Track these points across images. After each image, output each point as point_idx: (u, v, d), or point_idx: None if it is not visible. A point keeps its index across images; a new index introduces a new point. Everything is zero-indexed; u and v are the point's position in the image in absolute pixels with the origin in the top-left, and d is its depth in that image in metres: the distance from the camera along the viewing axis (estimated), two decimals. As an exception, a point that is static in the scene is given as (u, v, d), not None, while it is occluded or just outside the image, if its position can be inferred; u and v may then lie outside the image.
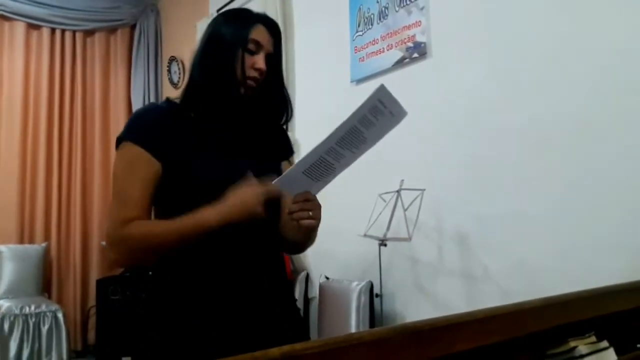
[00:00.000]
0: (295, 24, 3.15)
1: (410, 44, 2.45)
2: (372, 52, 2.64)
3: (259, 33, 1.15)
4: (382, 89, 1.05)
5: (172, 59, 4.69)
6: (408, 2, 2.47)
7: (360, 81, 2.70)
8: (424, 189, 2.10)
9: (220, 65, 1.13)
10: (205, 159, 1.12)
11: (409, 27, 2.46)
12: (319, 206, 1.12)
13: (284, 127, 1.29)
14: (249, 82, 1.14)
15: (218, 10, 3.93)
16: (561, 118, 1.83)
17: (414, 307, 2.36)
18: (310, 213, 1.09)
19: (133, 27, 5.01)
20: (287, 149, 1.32)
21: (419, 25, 2.41)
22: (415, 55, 2.42)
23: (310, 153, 1.05)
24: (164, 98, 4.76)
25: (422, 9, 2.39)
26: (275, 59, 1.18)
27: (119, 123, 4.87)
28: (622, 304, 1.27)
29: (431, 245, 2.27)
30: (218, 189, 1.07)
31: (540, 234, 1.87)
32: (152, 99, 4.84)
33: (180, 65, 4.58)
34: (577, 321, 1.11)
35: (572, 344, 1.07)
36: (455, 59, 2.25)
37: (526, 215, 1.92)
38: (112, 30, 4.96)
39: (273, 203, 1.11)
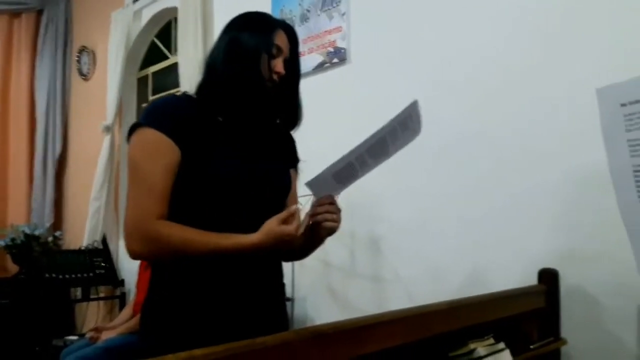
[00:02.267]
0: (215, 22, 3.08)
1: (331, 49, 2.47)
2: (293, 55, 2.63)
3: (280, 38, 1.20)
4: (415, 104, 1.14)
5: (83, 49, 4.41)
6: (330, 7, 2.48)
7: (279, 83, 2.68)
8: (338, 194, 2.10)
9: (246, 68, 1.15)
10: (224, 153, 1.13)
11: (330, 32, 2.48)
12: (340, 210, 1.19)
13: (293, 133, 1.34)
14: (268, 83, 1.17)
15: (134, 1, 3.76)
16: (468, 126, 1.91)
17: (325, 310, 2.36)
18: (335, 216, 1.16)
19: (40, 12, 4.66)
20: (294, 157, 1.36)
21: (340, 31, 2.43)
22: (336, 60, 2.44)
23: (343, 158, 1.11)
24: (72, 89, 4.55)
25: (343, 14, 2.42)
26: (292, 64, 1.22)
27: (19, 115, 4.52)
28: (517, 307, 1.34)
29: (344, 249, 2.28)
30: (233, 184, 1.11)
31: (447, 239, 1.94)
32: (59, 91, 4.53)
33: (91, 56, 4.32)
34: (478, 324, 1.15)
35: (472, 345, 1.11)
36: (373, 67, 2.28)
37: (434, 221, 1.98)
38: (15, 14, 4.59)
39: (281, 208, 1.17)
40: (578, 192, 1.62)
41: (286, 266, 1.29)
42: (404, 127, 1.15)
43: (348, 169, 1.14)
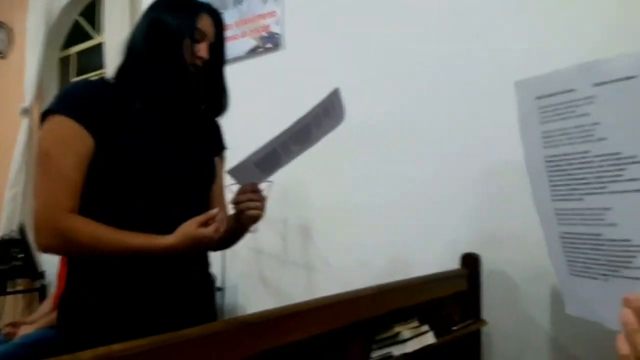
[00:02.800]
0: (144, 1, 2.95)
1: (264, 34, 2.43)
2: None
3: (204, 23, 1.15)
4: (337, 92, 1.13)
5: (-2, 25, 4.12)
6: (263, -9, 2.44)
7: (211, 67, 2.61)
8: (272, 181, 2.09)
9: (168, 52, 1.10)
10: (141, 142, 1.08)
11: (263, 17, 2.44)
12: (264, 198, 1.18)
13: (219, 120, 1.30)
14: (190, 67, 1.13)
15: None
16: (397, 117, 1.94)
17: (257, 298, 2.35)
18: (258, 204, 1.15)
19: (-53, -18, 4.29)
20: (220, 144, 1.32)
21: (274, 16, 2.40)
22: (269, 45, 2.41)
23: (265, 145, 1.09)
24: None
25: (276, -1, 2.39)
26: (216, 49, 1.18)
27: None
28: (441, 291, 1.39)
29: (276, 237, 2.28)
30: (152, 174, 1.07)
31: (374, 227, 1.97)
32: (-30, 68, 4.20)
33: (8, 33, 4.03)
34: (402, 307, 1.18)
35: (397, 329, 1.14)
36: (308, 54, 2.27)
37: (364, 209, 2.01)
38: None
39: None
40: (499, 179, 1.69)
41: (217, 255, 1.28)
42: (326, 114, 1.15)
43: (271, 157, 1.14)
